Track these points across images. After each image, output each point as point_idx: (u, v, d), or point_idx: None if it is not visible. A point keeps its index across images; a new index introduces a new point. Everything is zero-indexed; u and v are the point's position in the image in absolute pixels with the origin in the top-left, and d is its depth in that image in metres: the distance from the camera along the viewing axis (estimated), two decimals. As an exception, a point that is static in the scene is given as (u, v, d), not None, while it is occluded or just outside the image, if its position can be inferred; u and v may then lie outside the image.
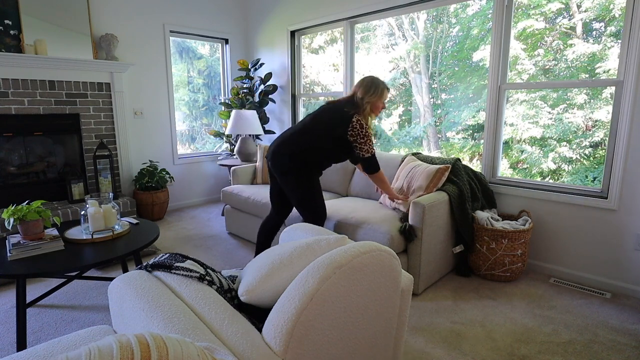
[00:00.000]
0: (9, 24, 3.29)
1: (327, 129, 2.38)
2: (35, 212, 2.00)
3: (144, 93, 4.23)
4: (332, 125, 2.38)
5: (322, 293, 1.04)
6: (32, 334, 2.06)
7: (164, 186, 4.18)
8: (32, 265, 1.83)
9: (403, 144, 5.87)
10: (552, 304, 2.37)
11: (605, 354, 1.90)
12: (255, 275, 1.26)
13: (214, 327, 1.07)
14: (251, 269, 1.33)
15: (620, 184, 2.46)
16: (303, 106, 4.76)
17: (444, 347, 1.94)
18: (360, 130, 2.33)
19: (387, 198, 2.78)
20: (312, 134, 2.40)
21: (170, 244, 3.42)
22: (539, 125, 4.16)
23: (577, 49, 3.89)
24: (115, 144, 4.02)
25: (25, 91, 3.43)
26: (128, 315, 1.17)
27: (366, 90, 2.39)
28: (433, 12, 5.31)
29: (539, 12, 3.96)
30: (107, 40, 3.76)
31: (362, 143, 2.35)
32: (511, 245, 2.58)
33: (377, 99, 2.40)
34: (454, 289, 2.57)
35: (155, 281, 1.27)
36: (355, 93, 2.42)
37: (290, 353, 1.01)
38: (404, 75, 5.80)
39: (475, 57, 4.87)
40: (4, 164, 3.51)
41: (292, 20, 4.40)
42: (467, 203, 2.69)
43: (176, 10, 4.38)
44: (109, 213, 2.23)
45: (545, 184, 2.84)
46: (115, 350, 0.63)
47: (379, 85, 2.41)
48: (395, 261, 1.26)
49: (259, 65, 4.73)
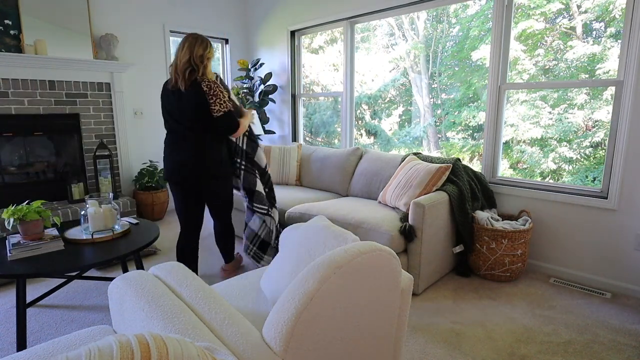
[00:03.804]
0: (9, 24, 3.29)
1: (202, 111, 2.17)
2: (35, 212, 2.00)
3: (144, 93, 4.23)
4: (199, 105, 2.15)
5: (322, 293, 1.04)
6: (32, 334, 2.06)
7: (164, 186, 4.18)
8: (32, 265, 1.83)
9: (403, 144, 5.87)
10: (552, 304, 2.37)
11: (605, 354, 1.90)
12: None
13: (214, 327, 1.07)
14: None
15: (620, 184, 2.46)
16: (303, 106, 4.76)
17: (444, 347, 1.94)
18: (215, 89, 2.14)
19: (385, 195, 2.78)
20: (197, 127, 2.22)
21: (170, 244, 3.42)
22: (540, 126, 4.16)
23: (577, 49, 3.89)
24: (115, 144, 4.02)
25: (25, 91, 3.43)
26: (128, 315, 1.17)
27: (204, 45, 2.18)
28: (433, 12, 5.31)
29: (539, 12, 3.96)
30: (107, 40, 3.76)
31: (215, 102, 2.15)
32: (511, 245, 2.58)
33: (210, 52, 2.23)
34: (454, 289, 2.57)
35: (155, 281, 1.27)
36: (193, 57, 2.14)
37: (290, 353, 1.01)
38: (404, 75, 5.80)
39: (475, 57, 4.87)
40: (4, 164, 3.51)
41: (292, 20, 4.40)
42: (467, 203, 2.69)
43: (176, 10, 4.37)
44: (109, 213, 2.23)
45: (546, 184, 2.84)
46: (115, 350, 0.63)
47: (203, 37, 2.21)
48: (395, 261, 1.26)
49: (259, 65, 4.73)
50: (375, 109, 6.10)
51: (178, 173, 2.30)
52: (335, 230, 1.44)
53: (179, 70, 2.14)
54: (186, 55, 2.13)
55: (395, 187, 2.78)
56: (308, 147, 3.82)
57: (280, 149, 3.69)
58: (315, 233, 1.48)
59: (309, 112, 5.51)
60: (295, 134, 4.73)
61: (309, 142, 5.44)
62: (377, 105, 6.09)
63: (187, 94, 2.14)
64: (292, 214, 2.87)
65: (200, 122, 2.21)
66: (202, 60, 2.16)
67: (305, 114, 5.12)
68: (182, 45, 2.17)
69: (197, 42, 2.16)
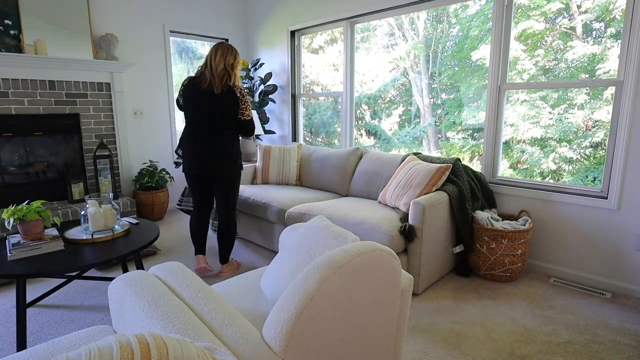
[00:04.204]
0: (9, 24, 3.29)
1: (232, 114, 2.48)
2: (35, 212, 2.00)
3: (144, 93, 4.23)
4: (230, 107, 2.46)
5: (322, 293, 1.04)
6: (32, 334, 2.06)
7: (164, 186, 4.18)
8: (32, 265, 1.83)
9: (403, 144, 5.87)
10: (552, 304, 2.37)
11: (605, 354, 1.90)
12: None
13: (214, 327, 1.07)
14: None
15: (620, 184, 2.46)
16: (303, 106, 4.76)
17: (444, 347, 1.94)
18: (245, 96, 2.50)
19: (385, 195, 2.79)
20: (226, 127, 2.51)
21: (170, 244, 3.42)
22: (540, 126, 4.16)
23: (577, 49, 3.89)
24: (115, 144, 4.02)
25: (25, 91, 3.43)
26: (128, 315, 1.17)
27: (234, 55, 2.48)
28: (433, 12, 5.31)
29: (539, 12, 3.96)
30: (107, 40, 3.76)
31: (246, 107, 2.51)
32: (511, 245, 2.58)
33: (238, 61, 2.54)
34: (454, 289, 2.57)
35: (155, 281, 1.27)
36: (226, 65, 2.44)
37: (290, 353, 1.01)
38: (404, 75, 5.80)
39: (475, 57, 4.88)
40: (4, 164, 3.51)
41: (292, 20, 4.40)
42: (467, 203, 2.69)
43: (176, 10, 4.38)
44: (109, 213, 2.23)
45: (546, 184, 2.84)
46: (115, 350, 0.63)
47: (232, 46, 2.51)
48: (395, 261, 1.26)
49: (259, 65, 4.74)
50: (375, 109, 6.10)
51: (199, 166, 2.53)
52: (335, 230, 1.44)
53: (216, 74, 2.42)
54: (221, 62, 2.43)
55: (395, 187, 2.78)
56: (308, 147, 3.82)
57: (280, 149, 3.69)
58: (315, 233, 1.48)
59: (309, 112, 5.51)
60: (295, 134, 4.73)
61: (309, 142, 5.44)
62: (377, 105, 6.09)
63: (221, 96, 2.43)
64: (292, 214, 2.87)
65: (225, 122, 2.48)
66: (232, 68, 2.47)
67: (305, 114, 5.12)
68: (214, 52, 2.45)
69: (229, 51, 2.46)
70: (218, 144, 2.49)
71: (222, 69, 2.42)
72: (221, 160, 2.52)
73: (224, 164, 2.53)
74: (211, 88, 2.43)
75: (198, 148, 2.51)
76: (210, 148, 2.49)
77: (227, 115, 2.46)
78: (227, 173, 2.57)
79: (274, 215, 3.04)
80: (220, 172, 2.55)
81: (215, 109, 2.44)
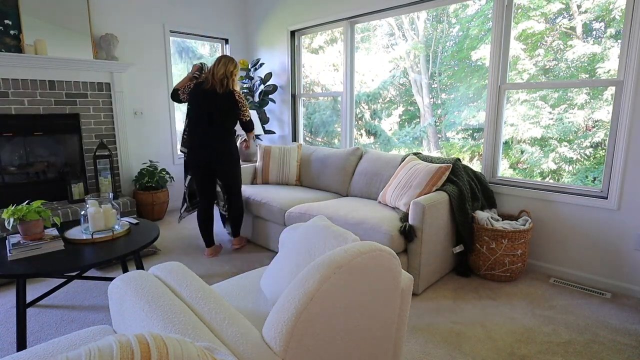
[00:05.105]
0: (9, 24, 3.29)
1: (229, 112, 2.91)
2: (35, 212, 2.00)
3: (144, 93, 4.23)
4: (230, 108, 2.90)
5: (322, 293, 1.04)
6: (32, 334, 2.06)
7: (164, 186, 4.18)
8: (32, 265, 1.83)
9: (403, 144, 5.87)
10: (552, 304, 2.37)
11: (605, 354, 1.90)
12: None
13: (214, 327, 1.07)
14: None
15: (620, 184, 2.46)
16: (303, 106, 4.76)
17: (444, 347, 1.94)
18: (244, 100, 2.96)
19: (385, 195, 2.78)
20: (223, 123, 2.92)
21: (170, 244, 3.42)
22: (540, 126, 4.16)
23: (577, 49, 3.89)
24: (115, 144, 4.02)
25: (25, 91, 3.43)
26: (128, 315, 1.17)
27: (234, 65, 2.92)
28: (433, 12, 5.31)
29: (539, 12, 3.96)
30: (107, 40, 3.76)
31: (245, 110, 2.98)
32: (511, 245, 2.58)
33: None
34: (454, 289, 2.57)
35: (155, 281, 1.27)
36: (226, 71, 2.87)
37: (290, 353, 1.01)
38: (404, 75, 5.80)
39: (475, 57, 4.87)
40: (4, 164, 3.51)
41: (292, 20, 4.40)
42: (467, 203, 2.69)
43: (176, 10, 4.38)
44: (109, 213, 2.24)
45: (546, 184, 2.84)
46: (115, 350, 0.63)
47: (232, 58, 2.96)
48: (395, 261, 1.26)
49: (259, 65, 4.73)
50: (375, 108, 6.10)
51: (203, 158, 2.93)
52: (335, 230, 1.44)
53: (217, 78, 2.87)
54: (222, 69, 2.88)
55: (395, 187, 2.78)
56: (308, 147, 3.82)
57: (280, 149, 3.69)
58: (315, 233, 1.48)
59: (309, 112, 5.51)
60: (295, 134, 4.73)
61: (309, 142, 5.44)
62: (377, 104, 6.09)
63: (222, 96, 2.88)
64: (292, 214, 2.87)
65: (222, 118, 2.89)
66: (232, 75, 2.92)
67: (305, 113, 5.12)
68: (217, 62, 2.90)
69: (230, 62, 2.92)
70: (216, 135, 2.91)
71: (223, 74, 2.87)
72: (218, 146, 2.92)
73: (221, 149, 2.93)
74: (213, 89, 2.86)
75: (201, 140, 2.92)
76: (209, 138, 2.90)
77: (224, 113, 2.89)
78: (227, 157, 2.96)
79: (274, 215, 3.04)
80: (219, 156, 2.94)
81: (214, 108, 2.87)
